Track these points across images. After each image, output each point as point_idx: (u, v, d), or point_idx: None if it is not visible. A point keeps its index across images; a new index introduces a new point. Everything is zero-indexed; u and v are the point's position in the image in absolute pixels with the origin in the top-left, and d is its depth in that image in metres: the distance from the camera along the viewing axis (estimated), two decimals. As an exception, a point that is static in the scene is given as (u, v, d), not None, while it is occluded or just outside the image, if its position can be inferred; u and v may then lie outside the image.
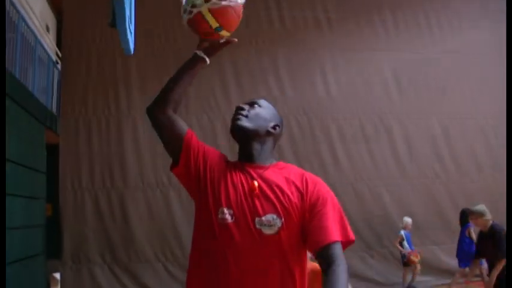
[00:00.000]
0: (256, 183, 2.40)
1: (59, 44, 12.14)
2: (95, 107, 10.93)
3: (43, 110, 9.86)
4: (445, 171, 12.28)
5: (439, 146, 12.35)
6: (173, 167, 2.54)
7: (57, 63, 11.12)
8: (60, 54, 11.85)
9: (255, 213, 2.32)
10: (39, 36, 10.20)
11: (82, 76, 10.87)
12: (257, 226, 2.28)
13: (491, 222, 7.33)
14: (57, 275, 10.87)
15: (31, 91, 9.01)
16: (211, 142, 11.01)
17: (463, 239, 10.11)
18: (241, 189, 2.39)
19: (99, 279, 10.48)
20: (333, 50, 12.08)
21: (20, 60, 8.67)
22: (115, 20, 6.27)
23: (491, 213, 7.59)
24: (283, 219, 2.29)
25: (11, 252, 7.15)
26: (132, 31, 6.58)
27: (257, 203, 2.34)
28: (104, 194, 10.77)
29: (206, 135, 11.15)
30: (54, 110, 11.11)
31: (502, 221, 11.29)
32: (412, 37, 12.67)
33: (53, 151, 10.32)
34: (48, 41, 10.76)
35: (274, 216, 2.30)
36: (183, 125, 2.55)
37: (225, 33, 2.53)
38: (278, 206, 2.31)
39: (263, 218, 2.30)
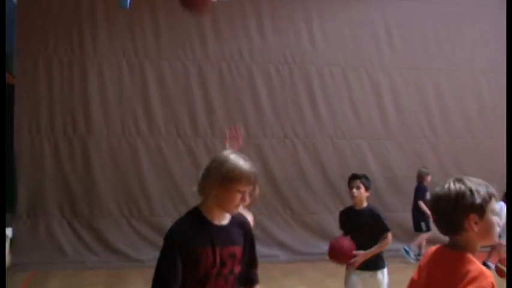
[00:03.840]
0: None
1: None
2: (57, 46, 10.42)
3: (-4, 47, 9.13)
4: (434, 130, 11.99)
5: (429, 103, 12.03)
6: None
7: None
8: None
9: None
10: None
11: (42, 9, 10.32)
12: None
13: None
14: (8, 231, 10.33)
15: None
16: (185, 90, 10.78)
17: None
18: None
19: (57, 235, 10.19)
20: (319, -4, 11.69)
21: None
22: None
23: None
24: None
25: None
26: None
27: None
28: (65, 142, 10.41)
29: (179, 83, 10.90)
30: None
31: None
32: (406, -17, 12.27)
33: (7, 93, 9.58)
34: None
35: None
36: None
37: None
38: None
39: None
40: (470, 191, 2.29)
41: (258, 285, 3.18)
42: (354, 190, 5.51)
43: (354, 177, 5.62)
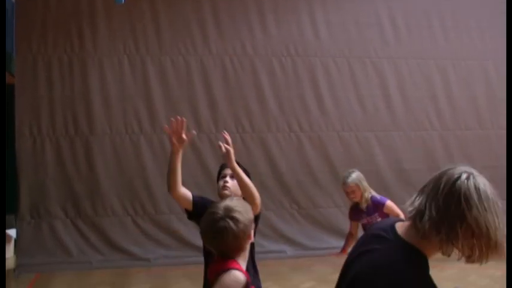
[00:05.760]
0: None
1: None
2: (56, 44, 10.28)
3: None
4: (442, 121, 11.80)
5: (436, 93, 11.82)
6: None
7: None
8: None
9: None
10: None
11: (40, 7, 10.19)
12: None
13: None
14: (11, 232, 10.44)
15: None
16: (187, 86, 10.69)
17: None
18: None
19: (61, 235, 10.09)
20: (322, -15, 11.49)
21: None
22: None
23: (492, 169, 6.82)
24: None
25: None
26: None
27: None
28: (67, 141, 10.30)
29: (181, 79, 10.79)
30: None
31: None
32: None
33: (7, 93, 9.47)
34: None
35: None
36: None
37: None
38: None
39: None
40: None
41: None
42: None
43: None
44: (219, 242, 2.60)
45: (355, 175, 5.76)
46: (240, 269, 2.61)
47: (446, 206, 1.93)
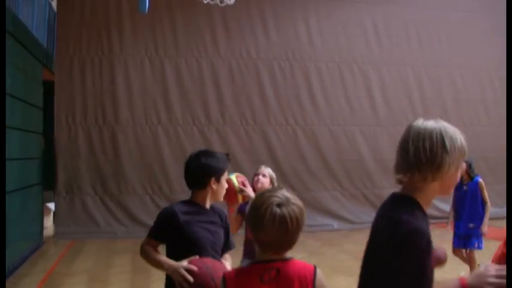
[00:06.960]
0: None
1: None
2: (89, 47, 11.14)
3: (41, 49, 10.05)
4: (416, 118, 11.95)
5: (412, 95, 12.66)
6: None
7: (52, -1, 11.27)
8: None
9: None
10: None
11: (76, 16, 11.04)
12: None
13: None
14: (50, 205, 11.34)
15: (30, 30, 9.13)
16: (199, 84, 11.50)
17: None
18: None
19: (90, 209, 10.97)
20: (316, 0, 12.27)
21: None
22: None
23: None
24: None
25: (10, 182, 7.41)
26: None
27: None
28: (96, 130, 11.14)
29: (194, 78, 11.58)
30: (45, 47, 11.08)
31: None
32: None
33: (48, 88, 10.57)
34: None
35: None
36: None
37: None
38: None
39: None
40: None
41: None
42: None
43: None
44: (283, 229, 2.04)
45: (271, 170, 4.96)
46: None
47: (430, 154, 1.90)
